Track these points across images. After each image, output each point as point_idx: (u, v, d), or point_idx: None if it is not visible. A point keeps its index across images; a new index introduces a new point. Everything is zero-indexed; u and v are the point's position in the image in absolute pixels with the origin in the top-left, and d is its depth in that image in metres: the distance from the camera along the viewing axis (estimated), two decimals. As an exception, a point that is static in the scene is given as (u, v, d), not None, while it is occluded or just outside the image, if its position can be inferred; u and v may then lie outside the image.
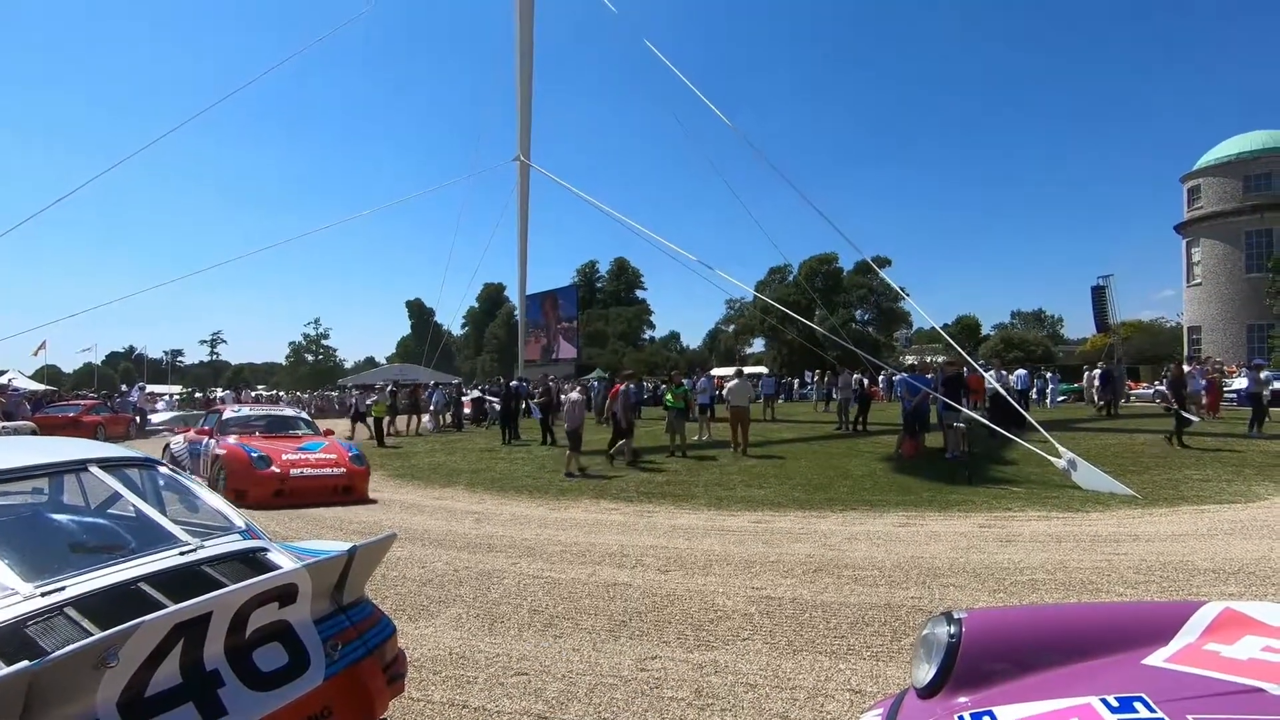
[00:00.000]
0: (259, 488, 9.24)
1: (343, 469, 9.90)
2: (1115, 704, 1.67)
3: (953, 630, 2.07)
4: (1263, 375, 16.29)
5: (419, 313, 79.41)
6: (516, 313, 44.44)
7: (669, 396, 13.53)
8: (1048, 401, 27.13)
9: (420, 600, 4.87)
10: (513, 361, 41.08)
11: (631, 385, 13.85)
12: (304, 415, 12.77)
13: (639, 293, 74.30)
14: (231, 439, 10.22)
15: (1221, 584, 4.92)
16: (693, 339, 77.52)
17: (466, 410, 24.51)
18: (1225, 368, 26.28)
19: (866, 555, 5.92)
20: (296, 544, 3.35)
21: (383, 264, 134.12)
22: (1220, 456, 11.54)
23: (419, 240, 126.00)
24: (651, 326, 73.66)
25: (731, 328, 63.94)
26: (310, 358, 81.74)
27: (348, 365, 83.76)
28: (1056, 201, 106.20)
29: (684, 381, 15.27)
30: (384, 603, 4.68)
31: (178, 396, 40.17)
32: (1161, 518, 7.43)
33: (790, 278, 51.93)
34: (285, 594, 2.21)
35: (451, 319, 73.19)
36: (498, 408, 20.96)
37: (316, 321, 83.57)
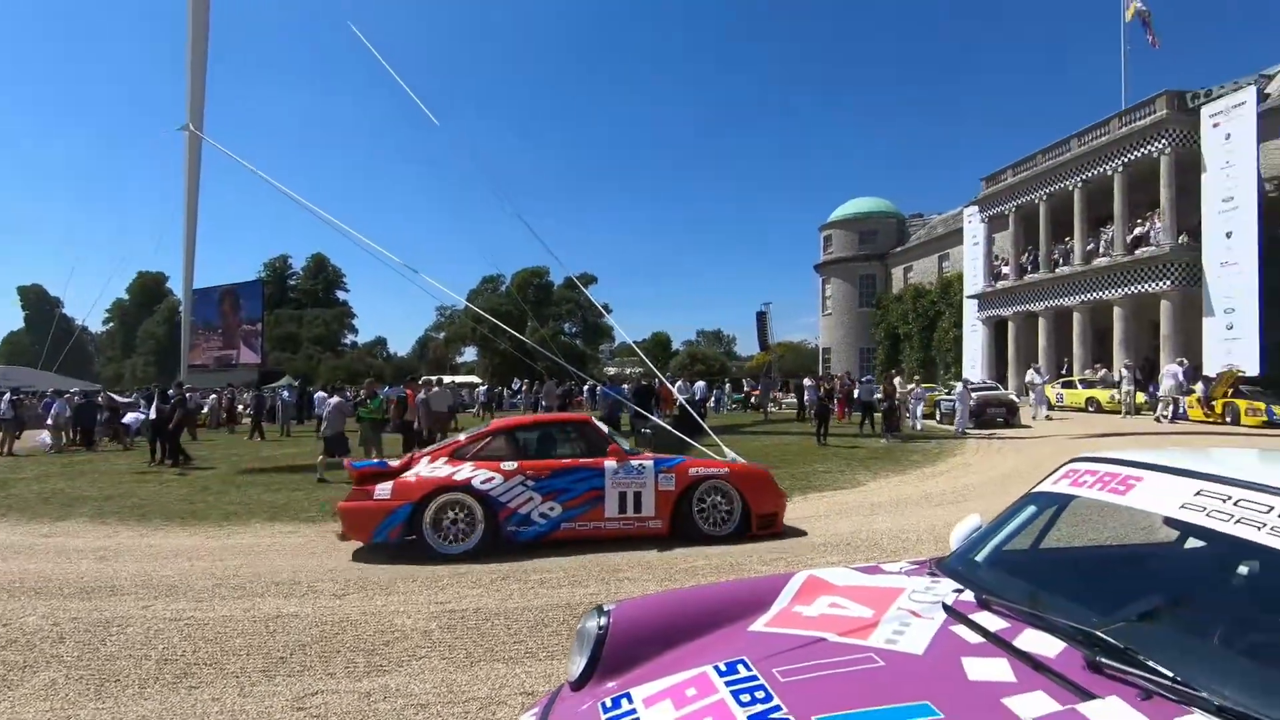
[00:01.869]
0: (782, 508, 7.29)
1: None
2: (724, 668, 1.92)
3: (602, 622, 2.21)
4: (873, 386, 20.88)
5: (38, 302, 62.96)
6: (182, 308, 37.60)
7: (361, 410, 12.61)
8: (723, 409, 31.23)
9: (-7, 669, 3.77)
10: (176, 365, 34.57)
11: (425, 392, 12.95)
12: None
13: (340, 294, 68.33)
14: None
15: (828, 554, 6.08)
16: (401, 346, 73.54)
17: (129, 420, 19.41)
18: (851, 380, 32.95)
19: (551, 559, 6.12)
20: None
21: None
22: (839, 452, 14.38)
23: (45, 214, 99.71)
24: (354, 331, 68.21)
25: (442, 335, 62.08)
26: None
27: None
28: (737, 236, 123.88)
29: (378, 392, 14.36)
30: (-71, 680, 3.53)
31: None
32: (795, 504, 8.94)
33: (503, 288, 52.24)
34: None
35: (87, 312, 59.29)
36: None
37: None
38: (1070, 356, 27.58)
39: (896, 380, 18.39)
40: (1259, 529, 1.65)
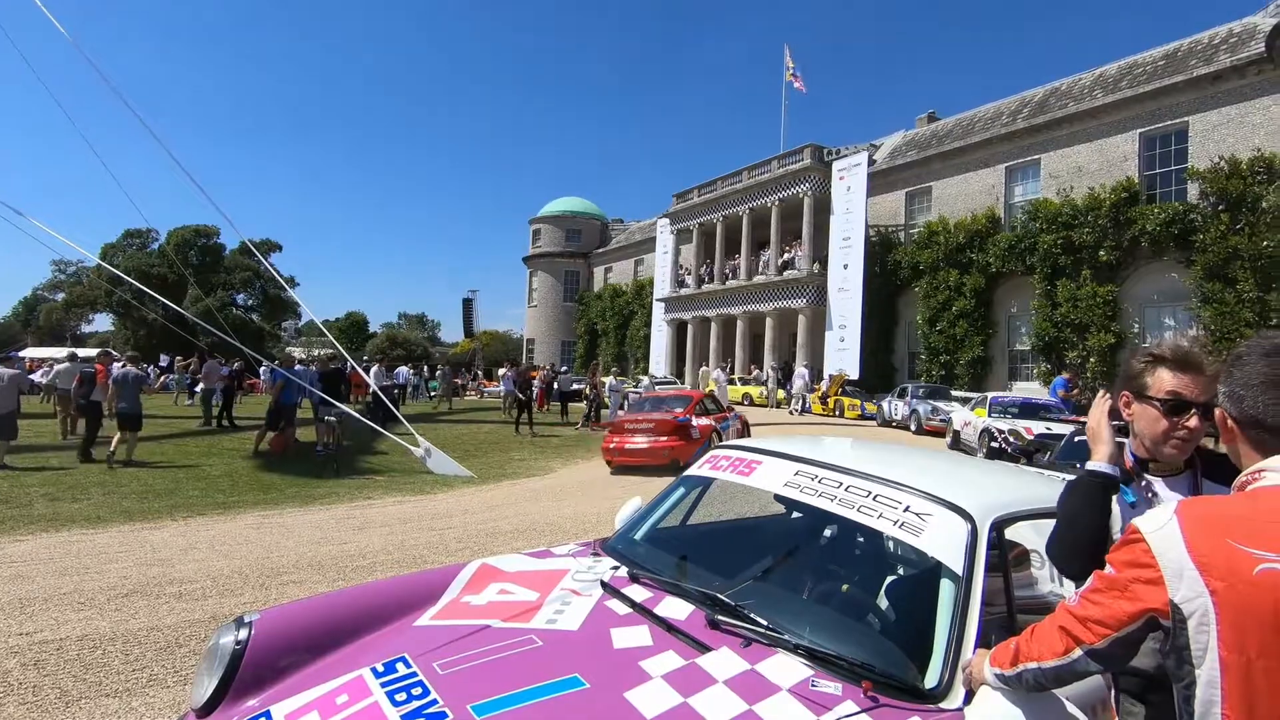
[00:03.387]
0: None
1: None
2: (382, 669, 1.82)
3: (240, 635, 1.95)
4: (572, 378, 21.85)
5: None
6: None
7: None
8: (423, 397, 29.97)
9: None
10: None
11: (131, 369, 10.01)
12: None
13: (-112, 229, 50.14)
14: None
15: (515, 540, 6.20)
16: (-7, 306, 56.72)
17: None
18: (554, 371, 34.17)
19: (203, 565, 5.27)
20: None
21: None
22: (536, 441, 14.79)
23: None
24: (-89, 281, 50.70)
25: (60, 296, 49.40)
26: None
27: None
28: (450, 221, 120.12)
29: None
30: None
31: None
32: (487, 492, 9.01)
33: (155, 245, 43.45)
34: None
35: None
36: None
37: None
38: (734, 357, 32.17)
39: (599, 373, 19.66)
40: (832, 500, 2.09)
